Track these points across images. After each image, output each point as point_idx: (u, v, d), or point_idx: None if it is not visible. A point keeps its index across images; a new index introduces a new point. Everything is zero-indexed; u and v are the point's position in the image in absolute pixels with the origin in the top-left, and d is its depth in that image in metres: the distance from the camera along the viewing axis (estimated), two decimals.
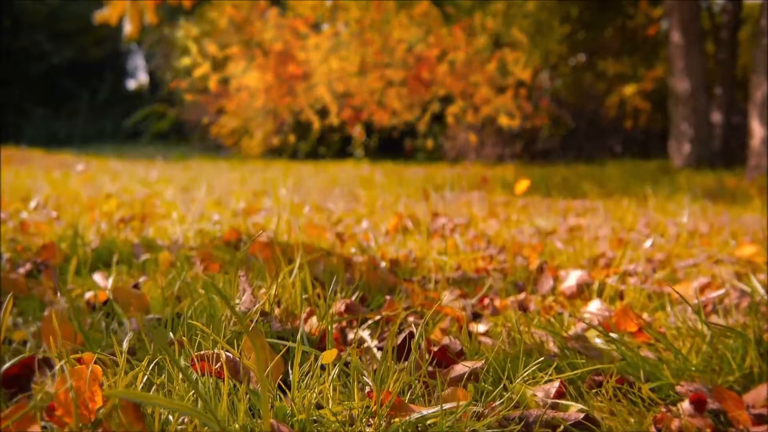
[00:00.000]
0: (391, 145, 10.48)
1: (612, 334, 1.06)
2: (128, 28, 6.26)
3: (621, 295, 1.57)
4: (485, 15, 8.97)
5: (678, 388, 0.89)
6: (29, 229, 2.40)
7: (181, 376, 0.82)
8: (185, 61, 6.37)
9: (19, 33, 13.55)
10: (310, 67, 8.53)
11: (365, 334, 1.12)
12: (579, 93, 8.66)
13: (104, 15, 5.99)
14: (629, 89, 7.76)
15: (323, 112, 9.72)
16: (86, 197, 3.71)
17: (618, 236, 2.38)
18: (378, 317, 1.22)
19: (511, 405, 0.85)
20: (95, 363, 0.79)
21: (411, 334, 1.05)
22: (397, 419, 0.79)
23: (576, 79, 8.43)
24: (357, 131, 9.92)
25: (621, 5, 9.38)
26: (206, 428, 0.73)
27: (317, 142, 10.46)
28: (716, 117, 7.86)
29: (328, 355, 0.89)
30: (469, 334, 1.19)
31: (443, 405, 0.79)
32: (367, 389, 0.86)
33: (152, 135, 14.18)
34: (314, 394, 0.83)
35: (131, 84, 15.68)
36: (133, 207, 3.19)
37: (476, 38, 7.37)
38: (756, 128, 5.36)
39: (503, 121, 6.32)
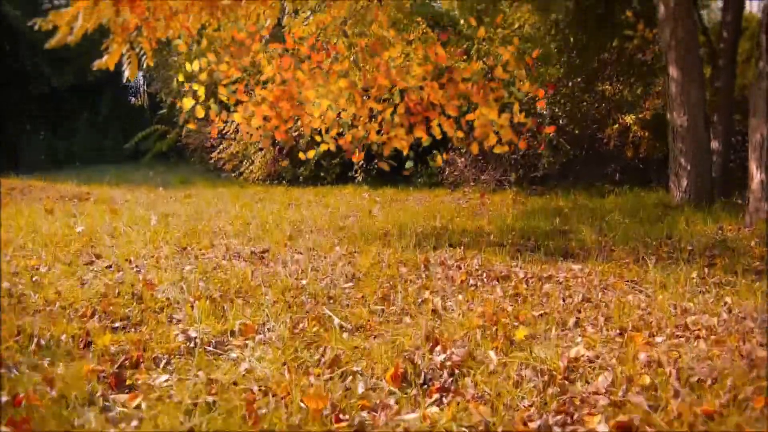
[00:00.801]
0: (391, 169, 10.49)
1: None
2: (127, 72, 6.26)
3: None
4: (485, 42, 8.98)
5: None
6: None
7: None
8: (186, 102, 6.36)
9: (18, 56, 13.59)
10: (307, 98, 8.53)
11: None
12: (578, 119, 8.64)
13: (101, 63, 5.98)
14: (629, 118, 7.73)
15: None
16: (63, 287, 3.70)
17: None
18: None
19: None
20: None
21: None
22: None
23: (574, 105, 8.41)
24: (356, 157, 9.91)
25: (618, 27, 9.36)
26: None
27: (317, 166, 10.47)
28: (715, 144, 7.84)
29: None
30: None
31: None
32: None
33: (153, 155, 14.20)
34: None
35: (131, 103, 15.67)
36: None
37: (474, 63, 7.35)
38: (754, 172, 5.34)
39: (498, 149, 6.29)
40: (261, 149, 10.61)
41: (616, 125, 7.86)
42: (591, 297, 3.26)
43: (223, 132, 11.03)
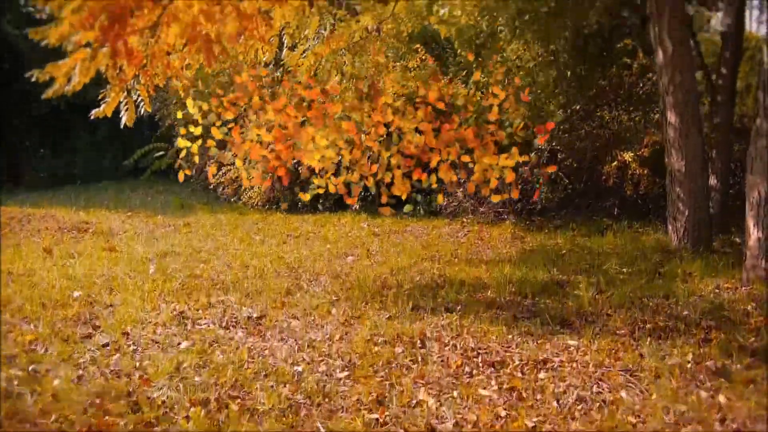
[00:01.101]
0: (391, 197, 10.50)
1: None
2: (124, 118, 6.29)
3: None
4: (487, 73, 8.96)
5: None
6: None
7: None
8: (181, 143, 6.40)
9: (19, 75, 13.59)
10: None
11: None
12: (576, 151, 8.63)
13: (99, 112, 6.02)
14: (627, 156, 7.73)
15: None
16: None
17: None
18: None
19: None
20: None
21: None
22: None
23: (572, 137, 8.41)
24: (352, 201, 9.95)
25: (617, 54, 9.35)
26: None
27: (316, 195, 10.44)
28: (713, 180, 7.84)
29: None
30: None
31: None
32: None
33: (152, 172, 14.21)
34: None
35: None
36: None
37: (469, 107, 7.37)
38: (751, 229, 5.35)
39: (495, 198, 6.31)
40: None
41: (615, 162, 7.85)
42: (585, 394, 3.27)
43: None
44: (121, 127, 6.23)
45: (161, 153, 13.79)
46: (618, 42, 9.46)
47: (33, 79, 5.96)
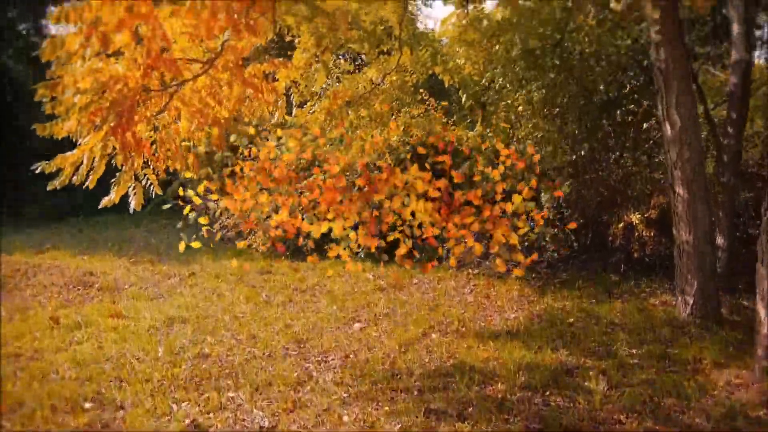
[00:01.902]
0: (396, 244, 10.51)
1: None
2: (133, 203, 6.28)
3: None
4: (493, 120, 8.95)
5: None
6: None
7: None
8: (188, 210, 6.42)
9: (20, 109, 13.58)
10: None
11: None
12: (581, 200, 8.62)
13: (108, 201, 6.01)
14: (634, 217, 7.72)
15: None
16: None
17: None
18: None
19: None
20: None
21: None
22: None
23: (578, 186, 8.40)
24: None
25: (621, 100, 9.34)
26: None
27: (322, 237, 10.41)
28: (720, 240, 7.85)
29: None
30: None
31: None
32: None
33: (155, 205, 14.16)
34: None
35: None
36: None
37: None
38: (762, 318, 5.35)
39: (500, 267, 6.30)
40: (265, 220, 10.59)
41: (621, 223, 7.85)
42: None
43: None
44: (131, 211, 6.23)
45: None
46: (623, 88, 9.45)
47: (38, 171, 5.98)
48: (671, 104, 6.38)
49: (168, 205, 12.47)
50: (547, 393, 5.18)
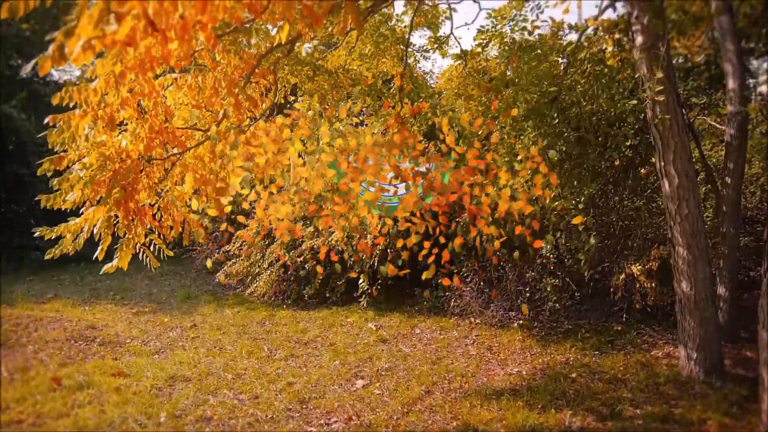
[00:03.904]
0: (397, 290, 10.54)
1: None
2: (151, 263, 6.34)
3: None
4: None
5: None
6: None
7: None
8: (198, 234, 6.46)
9: (21, 158, 13.69)
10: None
11: None
12: (580, 245, 8.63)
13: (111, 267, 6.04)
14: (636, 269, 7.74)
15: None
16: None
17: None
18: None
19: None
20: None
21: None
22: None
23: (578, 243, 8.42)
24: (362, 281, 9.94)
25: (619, 140, 9.39)
26: None
27: (323, 284, 10.48)
28: (721, 290, 7.84)
29: None
30: None
31: None
32: None
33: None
34: None
35: None
36: None
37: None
38: (767, 382, 5.33)
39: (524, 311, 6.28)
40: (266, 269, 10.64)
41: (623, 275, 7.86)
42: None
43: (228, 251, 11.08)
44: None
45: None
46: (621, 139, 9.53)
47: (38, 234, 6.03)
48: (668, 161, 6.44)
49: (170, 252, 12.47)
50: None
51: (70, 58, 3.24)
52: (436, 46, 8.88)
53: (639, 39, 6.38)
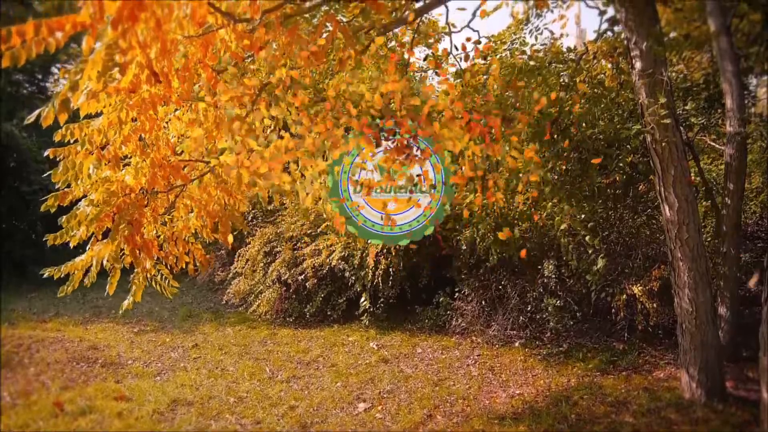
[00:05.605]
0: (399, 308, 10.56)
1: None
2: (167, 292, 6.39)
3: None
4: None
5: None
6: None
7: None
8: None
9: (25, 174, 13.72)
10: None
11: None
12: (581, 264, 8.65)
13: (129, 304, 6.10)
14: (637, 289, 7.76)
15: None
16: None
17: None
18: None
19: None
20: None
21: None
22: None
23: (579, 264, 8.44)
24: (363, 299, 9.97)
25: (617, 156, 9.39)
26: None
27: (324, 302, 10.50)
28: (722, 310, 7.86)
29: None
30: None
31: None
32: None
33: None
34: None
35: None
36: None
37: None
38: (766, 401, 5.36)
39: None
40: (269, 287, 10.66)
41: (624, 295, 7.88)
42: None
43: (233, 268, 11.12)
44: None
45: None
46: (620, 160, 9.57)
47: (45, 275, 6.06)
48: (668, 186, 6.47)
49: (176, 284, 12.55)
50: None
51: (75, 106, 3.28)
52: (433, 67, 8.91)
53: (638, 64, 6.41)
